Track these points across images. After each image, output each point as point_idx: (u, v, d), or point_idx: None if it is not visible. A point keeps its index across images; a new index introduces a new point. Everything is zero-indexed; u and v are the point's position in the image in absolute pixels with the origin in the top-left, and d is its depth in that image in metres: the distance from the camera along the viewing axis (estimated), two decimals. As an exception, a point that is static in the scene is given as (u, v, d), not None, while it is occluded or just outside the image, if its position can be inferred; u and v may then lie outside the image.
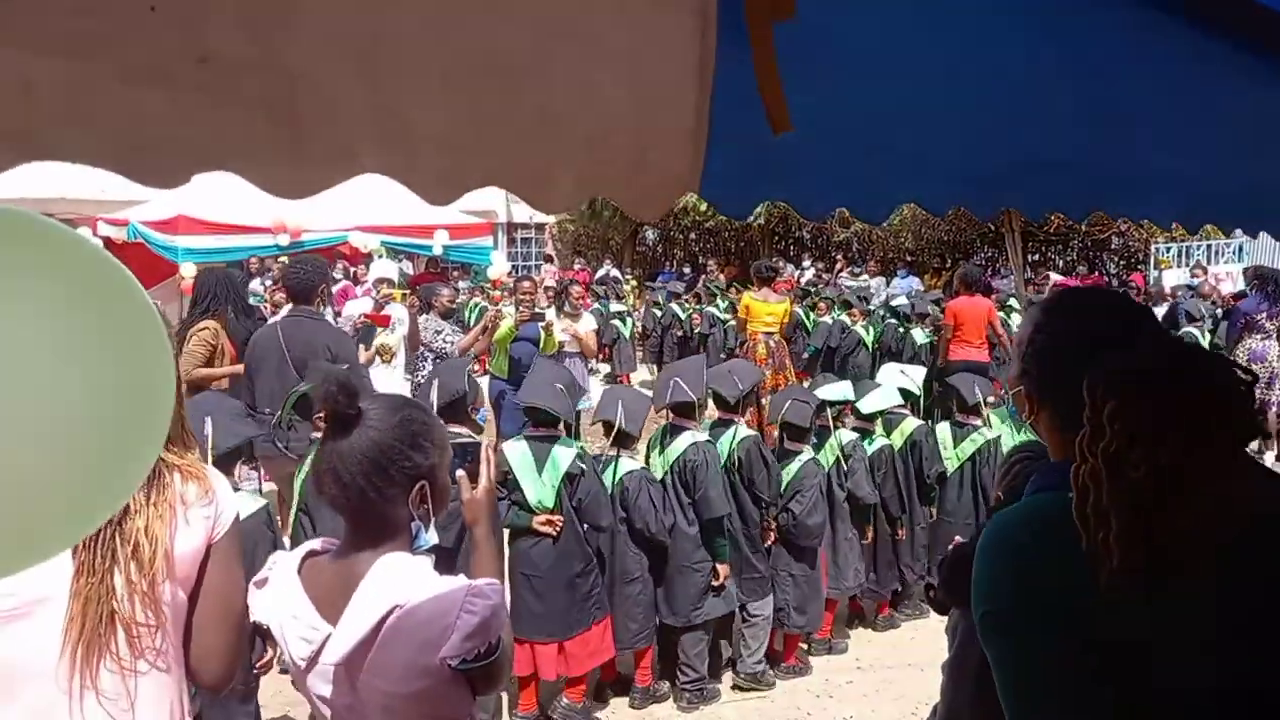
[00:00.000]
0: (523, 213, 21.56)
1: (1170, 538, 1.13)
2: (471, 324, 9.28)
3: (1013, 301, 10.90)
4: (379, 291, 7.27)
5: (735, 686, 4.52)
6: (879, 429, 5.20)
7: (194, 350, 5.39)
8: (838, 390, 5.03)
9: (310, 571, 1.62)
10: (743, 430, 4.51)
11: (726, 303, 12.14)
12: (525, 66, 1.25)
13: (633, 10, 1.31)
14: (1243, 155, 2.00)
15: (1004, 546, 1.26)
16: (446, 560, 3.28)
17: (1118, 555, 1.13)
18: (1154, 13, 1.76)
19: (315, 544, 1.69)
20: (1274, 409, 8.60)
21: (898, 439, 5.16)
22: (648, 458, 4.50)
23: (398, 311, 6.84)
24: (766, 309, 8.58)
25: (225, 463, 3.14)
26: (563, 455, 3.92)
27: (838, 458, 4.79)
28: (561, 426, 4.09)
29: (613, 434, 4.15)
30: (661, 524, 4.03)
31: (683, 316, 12.61)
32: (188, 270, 12.25)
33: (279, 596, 1.61)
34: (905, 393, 5.33)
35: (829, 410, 4.82)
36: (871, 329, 10.60)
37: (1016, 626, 1.22)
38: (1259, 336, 8.59)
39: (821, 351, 10.34)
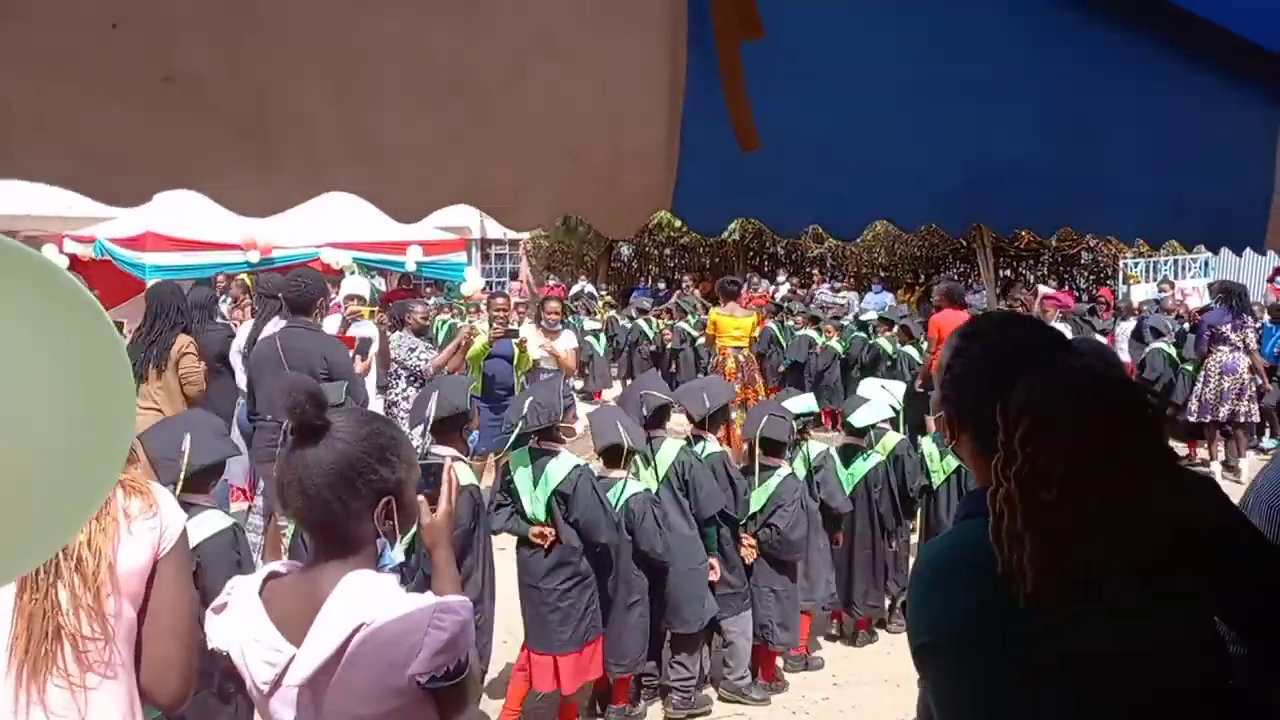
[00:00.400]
0: (497, 229, 21.52)
1: (1087, 557, 1.14)
2: (440, 341, 9.21)
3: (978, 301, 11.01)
4: (347, 309, 7.20)
5: (721, 699, 4.54)
6: (880, 447, 5.27)
7: (192, 367, 5.51)
8: (802, 403, 5.05)
9: (272, 593, 1.58)
10: (711, 446, 4.53)
11: (697, 319, 12.20)
12: (496, 84, 1.25)
13: (604, 28, 1.32)
14: (1204, 174, 2.04)
15: (930, 577, 1.30)
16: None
17: (1031, 578, 1.14)
18: (1120, 33, 1.79)
19: (278, 565, 1.66)
20: (1243, 419, 8.76)
21: (880, 453, 5.21)
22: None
23: (365, 329, 6.75)
24: (734, 324, 8.67)
25: (201, 479, 3.14)
26: (555, 470, 3.94)
27: (809, 469, 4.83)
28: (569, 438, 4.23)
29: (623, 457, 4.17)
30: (666, 545, 4.05)
31: (650, 333, 12.66)
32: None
33: (239, 620, 1.57)
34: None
35: (794, 423, 4.82)
36: (841, 343, 10.73)
37: (947, 655, 1.23)
38: (1227, 349, 8.74)
39: (802, 365, 10.46)
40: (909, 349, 9.86)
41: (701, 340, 10.66)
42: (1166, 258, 16.29)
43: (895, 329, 10.37)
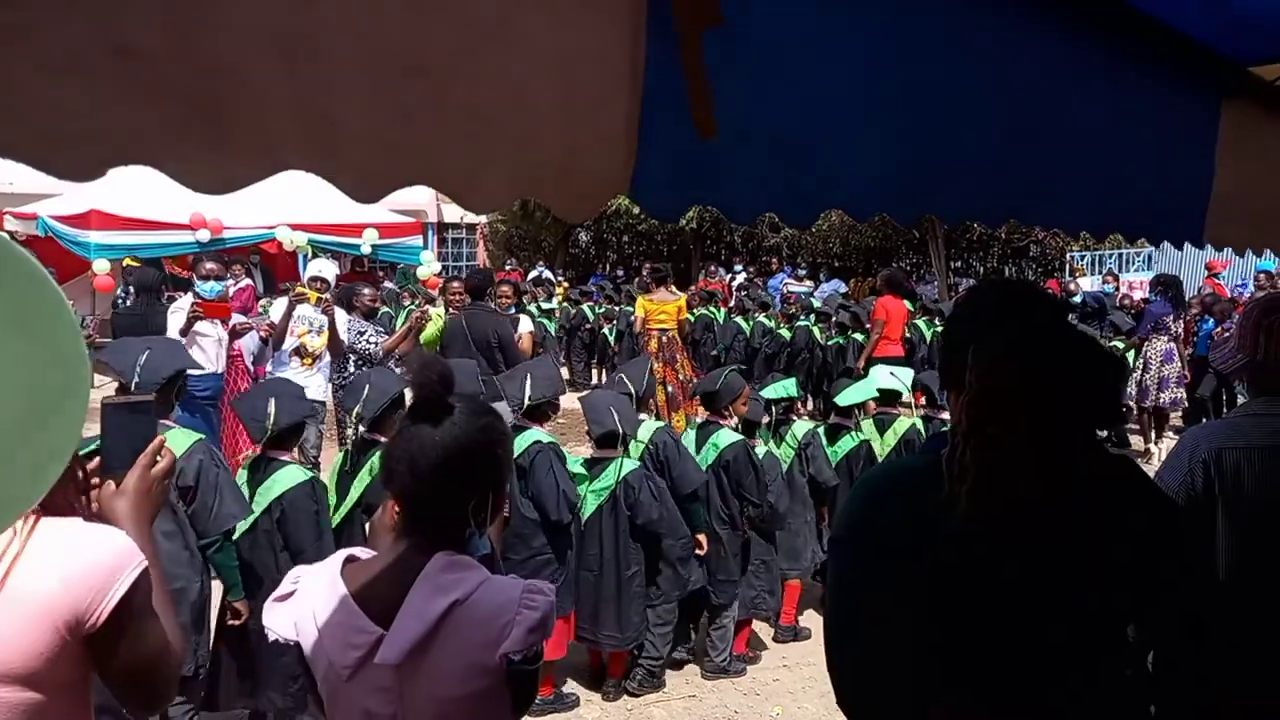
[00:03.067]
0: (454, 213, 21.34)
1: (1015, 493, 1.28)
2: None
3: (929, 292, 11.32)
4: (293, 289, 7.09)
5: (704, 676, 4.72)
6: (870, 429, 5.52)
7: None
8: (781, 388, 5.37)
9: (353, 574, 1.55)
10: (730, 434, 4.69)
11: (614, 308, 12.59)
12: (453, 66, 1.24)
13: (563, 13, 1.32)
14: (1147, 169, 2.10)
15: (861, 489, 1.51)
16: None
17: (965, 505, 1.29)
18: (1068, 31, 1.84)
19: (354, 550, 1.63)
20: (1181, 407, 9.55)
21: (891, 438, 5.41)
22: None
23: (308, 311, 6.63)
24: (659, 308, 9.33)
25: (284, 437, 3.78)
26: (517, 444, 4.07)
27: (796, 447, 5.14)
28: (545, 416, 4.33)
29: (619, 442, 4.35)
30: (662, 517, 4.21)
31: (591, 318, 13.08)
32: (100, 267, 11.84)
33: (314, 604, 1.53)
34: (895, 393, 5.60)
35: (776, 406, 5.24)
36: (787, 331, 11.31)
37: (853, 551, 1.42)
38: (1166, 338, 9.37)
39: (728, 350, 11.07)
40: (858, 335, 10.24)
41: (606, 325, 11.60)
42: (1111, 251, 16.69)
43: (833, 320, 10.87)
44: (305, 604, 1.55)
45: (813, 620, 5.35)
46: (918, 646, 1.31)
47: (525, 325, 7.44)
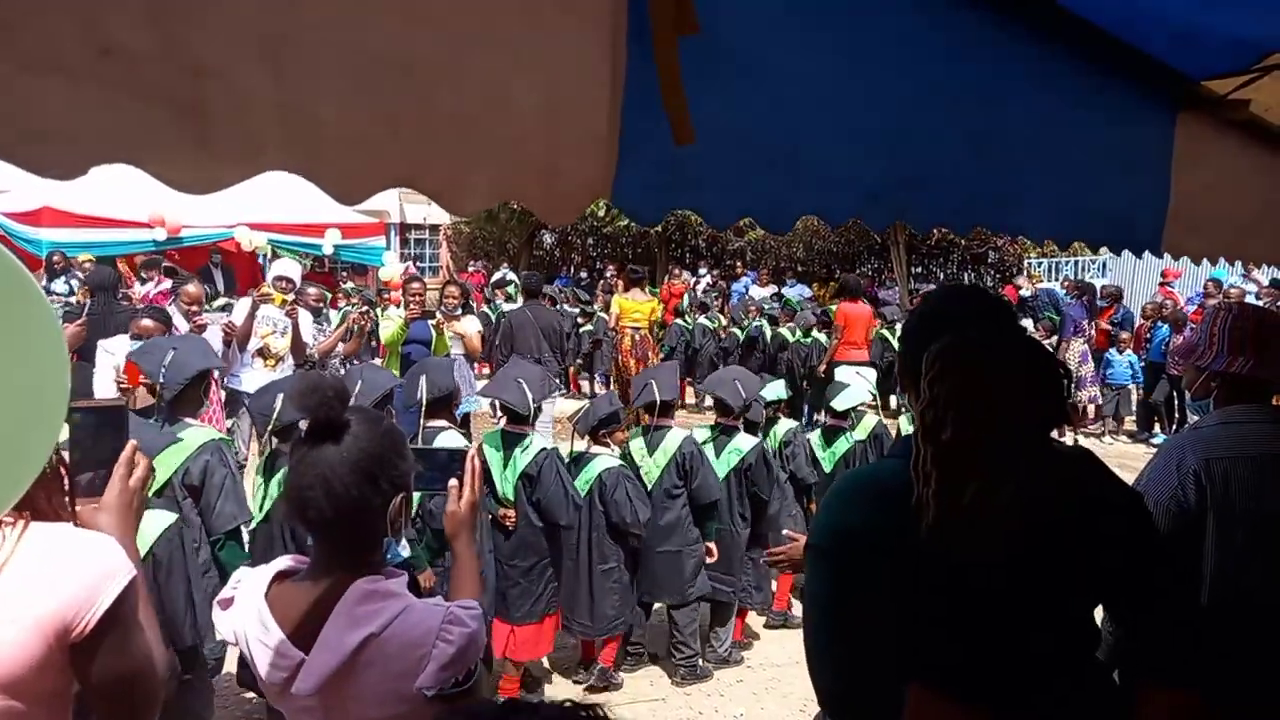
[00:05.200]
0: (417, 213, 21.14)
1: (978, 499, 1.30)
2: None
3: (890, 311, 11.58)
4: (259, 291, 6.97)
5: (704, 664, 4.85)
6: (861, 428, 5.71)
7: None
8: (773, 390, 5.55)
9: (279, 595, 1.53)
10: (748, 439, 4.85)
11: (590, 309, 12.65)
12: (438, 70, 1.25)
13: (545, 19, 1.33)
14: (1108, 180, 2.16)
15: (832, 496, 1.51)
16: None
17: (932, 510, 1.31)
18: (1033, 46, 1.89)
19: (287, 561, 1.60)
20: (1094, 404, 10.41)
21: (861, 433, 5.64)
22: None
23: (272, 312, 6.55)
24: (634, 307, 9.85)
25: (286, 432, 3.77)
26: (523, 456, 4.15)
27: (779, 445, 5.33)
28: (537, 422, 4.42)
29: (655, 409, 4.56)
30: (636, 517, 4.24)
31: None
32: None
33: (247, 618, 1.51)
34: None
35: (766, 408, 5.38)
36: (741, 331, 11.72)
37: (827, 558, 1.44)
38: (1081, 340, 10.17)
39: (676, 350, 11.44)
40: (819, 334, 10.62)
41: (589, 327, 11.94)
42: (1068, 258, 17.02)
43: (795, 317, 11.27)
44: (240, 615, 1.54)
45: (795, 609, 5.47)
46: (899, 649, 1.33)
47: (471, 325, 7.39)
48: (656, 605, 4.81)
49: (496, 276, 17.46)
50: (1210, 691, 1.43)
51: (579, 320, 12.54)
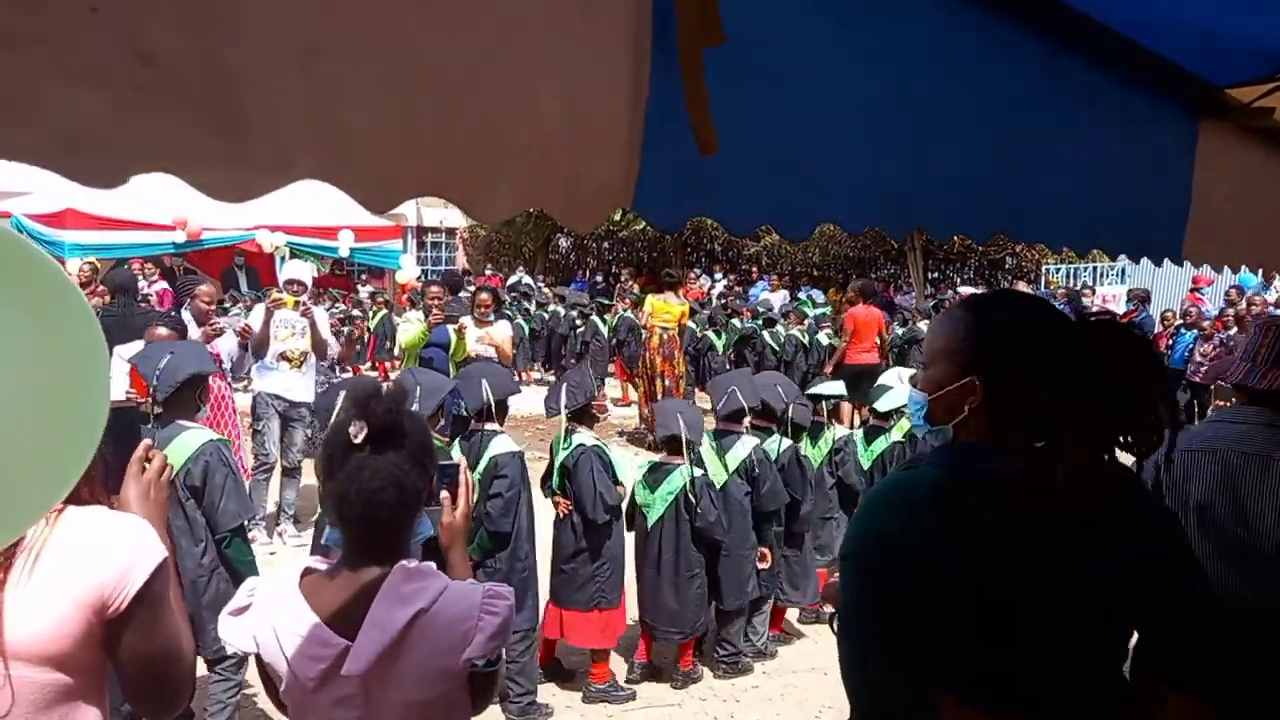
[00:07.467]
0: (434, 216, 21.24)
1: (1085, 506, 1.30)
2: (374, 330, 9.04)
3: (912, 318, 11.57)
4: (269, 295, 7.04)
5: (752, 657, 5.04)
6: (897, 429, 5.77)
7: None
8: (831, 388, 5.76)
9: (313, 587, 1.57)
10: (781, 441, 5.02)
11: (612, 319, 12.71)
12: (465, 77, 1.27)
13: (568, 27, 1.35)
14: (1128, 187, 2.16)
15: (866, 504, 1.48)
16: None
17: (1038, 519, 1.29)
18: (1052, 51, 1.89)
19: (312, 561, 1.65)
20: None
21: (898, 433, 5.70)
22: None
23: (288, 315, 6.61)
24: (665, 308, 10.18)
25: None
26: (563, 451, 4.51)
27: (831, 448, 5.49)
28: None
29: (685, 448, 4.61)
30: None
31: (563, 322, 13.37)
32: (73, 267, 11.68)
33: (273, 619, 1.54)
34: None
35: (826, 404, 5.61)
36: (728, 334, 12.03)
37: (859, 567, 1.41)
38: None
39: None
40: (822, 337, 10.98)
41: (604, 331, 12.28)
42: (1087, 265, 16.91)
43: (806, 321, 11.59)
44: (263, 616, 1.56)
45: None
46: (932, 660, 1.31)
47: (504, 330, 7.42)
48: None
49: (512, 280, 17.52)
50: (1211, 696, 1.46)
51: (576, 322, 12.63)
